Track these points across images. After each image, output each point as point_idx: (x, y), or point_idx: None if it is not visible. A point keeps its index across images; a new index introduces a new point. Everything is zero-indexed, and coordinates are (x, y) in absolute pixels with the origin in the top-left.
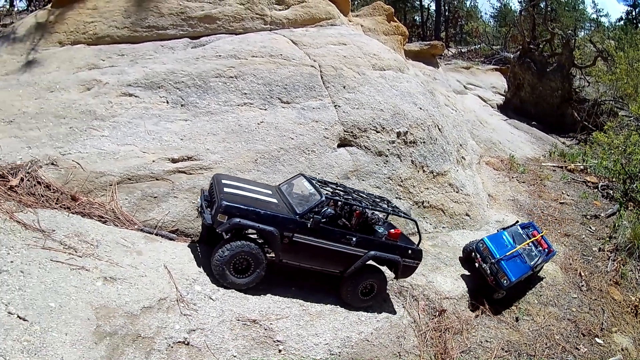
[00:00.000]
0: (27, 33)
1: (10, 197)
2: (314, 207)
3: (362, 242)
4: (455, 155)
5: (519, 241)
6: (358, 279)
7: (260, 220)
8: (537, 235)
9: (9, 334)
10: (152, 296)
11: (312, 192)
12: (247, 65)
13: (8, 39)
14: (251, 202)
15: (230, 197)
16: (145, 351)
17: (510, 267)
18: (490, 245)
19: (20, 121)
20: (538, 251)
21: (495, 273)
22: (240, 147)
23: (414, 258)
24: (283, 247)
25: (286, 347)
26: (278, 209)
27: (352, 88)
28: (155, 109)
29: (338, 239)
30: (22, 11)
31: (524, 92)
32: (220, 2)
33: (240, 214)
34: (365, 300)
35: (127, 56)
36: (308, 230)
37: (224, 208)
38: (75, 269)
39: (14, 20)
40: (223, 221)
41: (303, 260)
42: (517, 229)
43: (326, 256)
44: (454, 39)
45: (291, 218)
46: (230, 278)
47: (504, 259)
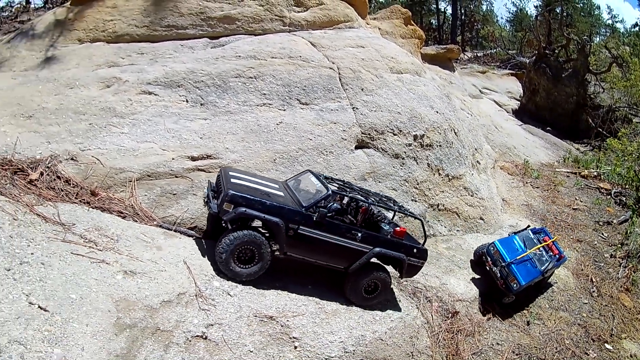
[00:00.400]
0: (45, 30)
1: (30, 191)
2: (320, 201)
3: (368, 238)
4: (470, 159)
5: (529, 246)
6: (362, 276)
7: (266, 210)
8: (548, 241)
9: (30, 324)
10: (171, 291)
11: (318, 186)
12: (266, 66)
13: (27, 36)
14: (258, 193)
15: (237, 187)
16: (164, 344)
17: (520, 271)
18: (501, 248)
19: (39, 116)
20: (549, 256)
21: (505, 277)
22: (259, 146)
23: (419, 257)
24: (288, 239)
25: (302, 344)
26: (284, 201)
27: (370, 91)
28: (175, 107)
29: (343, 233)
30: (38, 8)
31: (539, 98)
32: (240, 3)
33: (246, 203)
34: (368, 298)
35: (146, 55)
36: (314, 224)
37: (230, 197)
38: (95, 262)
39: (32, 17)
40: (229, 210)
41: (308, 254)
42: (529, 234)
43: (331, 251)
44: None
45: (297, 210)
46: (234, 268)
47: (514, 262)
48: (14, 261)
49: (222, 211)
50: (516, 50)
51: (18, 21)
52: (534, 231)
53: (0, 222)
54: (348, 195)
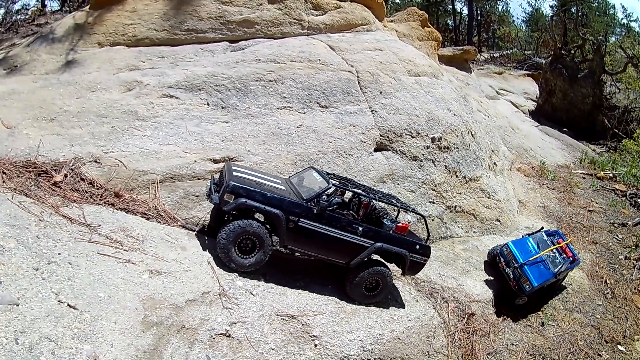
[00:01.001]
0: (65, 34)
1: (55, 192)
2: (321, 194)
3: (369, 232)
4: (487, 161)
5: (543, 247)
6: (363, 273)
7: (267, 202)
8: (562, 243)
9: (60, 321)
10: (196, 290)
11: (320, 180)
12: (286, 69)
13: (47, 39)
14: (259, 185)
15: (238, 179)
16: (189, 341)
17: (533, 273)
18: (514, 249)
19: (62, 119)
20: (562, 259)
21: (518, 278)
22: (280, 149)
23: (422, 254)
24: (288, 231)
25: (322, 342)
26: (285, 193)
27: (388, 94)
28: (196, 110)
29: (344, 227)
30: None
31: (556, 99)
32: (259, 7)
33: (246, 194)
34: (369, 296)
35: (167, 58)
36: (314, 216)
37: (231, 187)
38: (121, 262)
39: (49, 20)
40: (230, 201)
41: (308, 247)
42: (542, 236)
43: (332, 244)
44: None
45: (297, 202)
46: (235, 258)
47: (527, 263)
48: (42, 261)
49: (223, 202)
50: (532, 50)
51: (35, 24)
52: (547, 233)
53: (27, 222)
54: (349, 189)
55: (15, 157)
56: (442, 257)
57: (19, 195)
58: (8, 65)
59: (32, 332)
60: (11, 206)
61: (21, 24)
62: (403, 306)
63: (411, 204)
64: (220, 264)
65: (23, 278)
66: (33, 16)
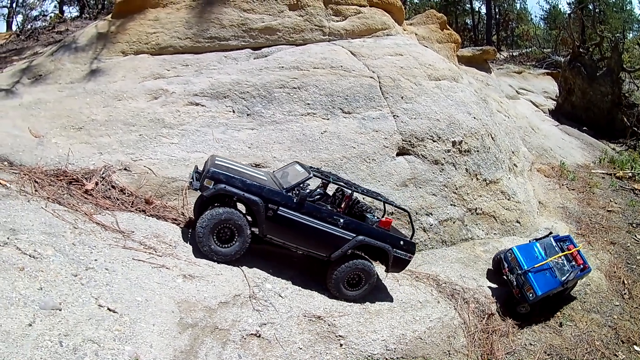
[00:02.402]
0: (88, 43)
1: (87, 200)
2: (301, 183)
3: (350, 225)
4: (507, 163)
5: (550, 254)
6: (344, 266)
7: (246, 189)
8: (572, 249)
9: (101, 324)
10: (227, 293)
11: (301, 172)
12: (309, 76)
13: (70, 48)
14: (239, 173)
15: (219, 166)
16: (221, 341)
17: (537, 280)
18: (519, 255)
19: (89, 128)
20: (571, 266)
21: (522, 285)
22: (305, 155)
23: (407, 250)
24: (267, 220)
25: (347, 342)
26: (264, 182)
27: (409, 98)
28: (222, 118)
29: (325, 218)
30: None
31: (575, 97)
32: (280, 14)
33: (226, 180)
34: (351, 291)
35: (191, 66)
36: (294, 206)
37: (211, 173)
38: (156, 267)
39: (69, 27)
40: (209, 186)
41: (287, 237)
42: (550, 241)
43: (312, 236)
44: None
45: (277, 191)
46: (214, 247)
47: (531, 270)
48: (80, 267)
49: (202, 187)
50: (551, 48)
51: (56, 32)
52: (557, 239)
53: (62, 230)
54: (331, 181)
55: (45, 166)
56: (463, 259)
57: (52, 203)
58: (32, 75)
59: (75, 335)
60: (45, 214)
61: (41, 31)
62: (425, 307)
63: (433, 208)
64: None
65: (63, 284)
66: (53, 23)
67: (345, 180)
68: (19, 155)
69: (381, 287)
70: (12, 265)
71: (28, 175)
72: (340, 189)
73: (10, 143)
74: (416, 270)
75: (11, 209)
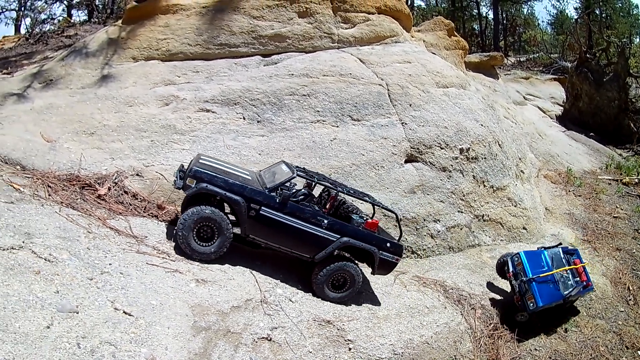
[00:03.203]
0: (99, 48)
1: (100, 205)
2: (284, 182)
3: (335, 226)
4: (514, 170)
5: (557, 265)
6: (329, 268)
7: (228, 188)
8: (579, 264)
9: (117, 327)
10: (239, 297)
11: (287, 172)
12: (318, 83)
13: (80, 53)
14: (222, 172)
15: (202, 165)
16: (234, 344)
17: (540, 291)
18: (525, 261)
19: (101, 133)
20: (575, 281)
21: (524, 293)
22: (315, 162)
23: (393, 253)
24: (249, 220)
25: (355, 346)
26: (247, 181)
27: (417, 106)
28: (233, 124)
29: (308, 219)
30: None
31: (582, 103)
32: (289, 22)
33: (208, 179)
34: (335, 293)
35: (201, 73)
36: (277, 206)
37: (193, 172)
38: (170, 271)
39: (78, 31)
40: (191, 185)
41: (270, 237)
42: (559, 252)
43: (294, 236)
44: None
45: (259, 190)
46: (194, 245)
47: (536, 279)
48: (95, 271)
49: (185, 186)
50: (558, 54)
51: (65, 36)
52: (565, 251)
53: (77, 235)
54: (315, 181)
55: (58, 171)
56: (470, 265)
57: (66, 208)
58: (43, 79)
59: (93, 337)
60: (59, 219)
61: (50, 35)
62: (432, 312)
63: (440, 214)
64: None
65: (79, 287)
66: (62, 27)
67: (331, 180)
68: (31, 160)
69: (390, 293)
70: (27, 268)
71: (41, 179)
72: (327, 189)
73: (23, 147)
74: (424, 276)
75: (25, 213)
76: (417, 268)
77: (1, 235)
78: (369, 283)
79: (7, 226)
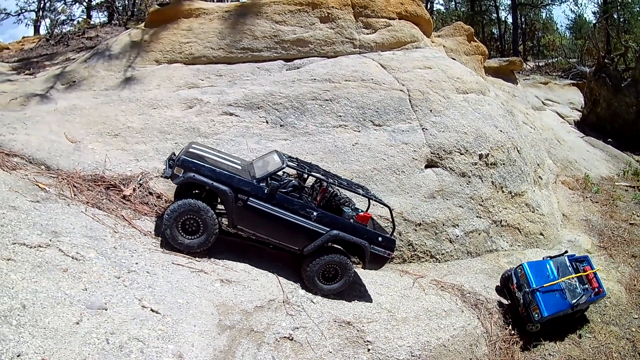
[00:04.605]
0: (122, 51)
1: (126, 206)
2: (273, 173)
3: (324, 218)
4: (532, 176)
5: (563, 274)
6: (320, 259)
7: (215, 178)
8: (588, 271)
9: (145, 324)
10: (263, 297)
11: (277, 162)
12: (340, 88)
13: (104, 56)
14: (210, 161)
15: (191, 154)
16: (257, 343)
17: (545, 301)
18: (529, 272)
19: (125, 135)
20: (583, 289)
21: (528, 304)
22: (337, 166)
23: (385, 247)
24: (237, 210)
25: (374, 347)
26: (237, 171)
27: (438, 112)
28: (256, 128)
29: (297, 210)
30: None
31: (600, 109)
32: (312, 27)
33: (195, 169)
34: (326, 285)
35: (224, 77)
36: (265, 197)
37: (180, 161)
38: (195, 271)
39: (99, 33)
40: (179, 175)
41: (258, 229)
42: (564, 260)
43: (283, 228)
44: (532, 52)
45: (247, 181)
46: (179, 238)
47: (540, 290)
48: (122, 270)
49: (173, 176)
50: (577, 59)
51: (85, 37)
52: (573, 259)
53: (103, 234)
54: (306, 172)
55: (82, 171)
56: (487, 270)
57: (91, 208)
58: (66, 81)
59: (121, 333)
60: (86, 218)
61: (71, 36)
62: (449, 316)
63: (459, 219)
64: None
65: (106, 285)
66: (82, 29)
67: (324, 171)
68: (56, 160)
69: (408, 296)
70: (55, 266)
71: (66, 179)
72: (319, 180)
73: (48, 148)
74: (442, 280)
75: (52, 212)
76: (436, 272)
77: (28, 234)
78: (388, 286)
79: (34, 224)
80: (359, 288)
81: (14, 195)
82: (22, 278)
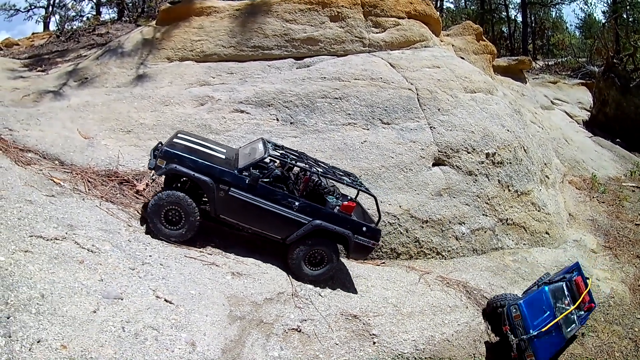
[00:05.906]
0: (134, 48)
1: (139, 200)
2: (255, 163)
3: (306, 208)
4: (539, 175)
5: (559, 301)
6: (303, 247)
7: (197, 169)
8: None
9: (159, 313)
10: (272, 290)
11: (260, 151)
12: (350, 87)
13: (116, 53)
14: (193, 151)
15: (174, 145)
16: (266, 334)
17: (541, 347)
18: (526, 313)
19: (138, 131)
20: (577, 317)
21: (523, 350)
22: (346, 164)
23: (370, 237)
24: (219, 200)
25: (379, 340)
26: (219, 161)
27: (445, 111)
28: (267, 125)
29: (278, 200)
30: (115, 21)
31: (609, 109)
32: (321, 25)
33: (178, 160)
34: (313, 271)
35: (235, 74)
36: (246, 187)
37: (163, 153)
38: (206, 264)
39: (109, 30)
40: (162, 166)
41: (240, 218)
42: (562, 287)
43: (265, 218)
44: (541, 51)
45: (228, 171)
46: (162, 229)
47: (538, 336)
48: (136, 262)
49: (156, 167)
50: (586, 58)
51: (96, 34)
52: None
53: (117, 227)
54: (289, 162)
55: (96, 166)
56: (492, 268)
57: (105, 202)
58: (78, 77)
59: (136, 322)
60: (100, 212)
61: (82, 33)
62: (454, 311)
63: (465, 217)
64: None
65: (122, 276)
66: (93, 26)
67: (311, 161)
68: (69, 155)
69: (414, 291)
70: (71, 258)
71: (80, 174)
72: (304, 170)
73: (61, 143)
74: (447, 276)
75: (67, 206)
76: (442, 268)
77: (45, 227)
78: (395, 281)
79: (50, 218)
80: (366, 283)
81: (29, 190)
82: (40, 269)
